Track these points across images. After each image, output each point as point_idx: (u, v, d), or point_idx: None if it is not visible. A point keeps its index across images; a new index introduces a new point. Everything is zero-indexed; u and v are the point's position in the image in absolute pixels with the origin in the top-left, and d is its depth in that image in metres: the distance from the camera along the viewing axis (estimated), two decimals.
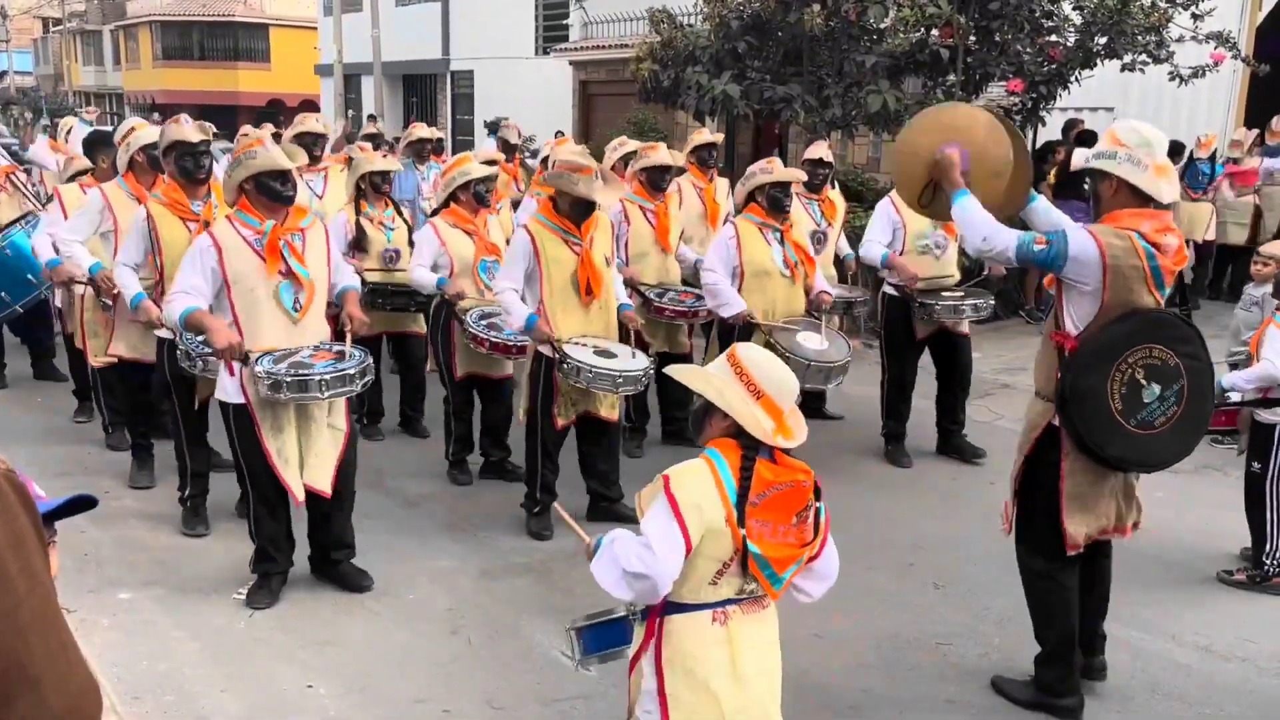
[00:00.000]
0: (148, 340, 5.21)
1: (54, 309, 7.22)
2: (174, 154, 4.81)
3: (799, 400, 2.51)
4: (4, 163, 7.72)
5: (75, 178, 6.46)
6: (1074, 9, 8.94)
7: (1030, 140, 11.04)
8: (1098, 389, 3.31)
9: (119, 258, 4.97)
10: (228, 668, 3.90)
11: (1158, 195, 3.32)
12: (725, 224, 6.05)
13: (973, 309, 6.05)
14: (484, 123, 14.93)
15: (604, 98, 17.97)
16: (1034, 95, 9.23)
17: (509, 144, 9.75)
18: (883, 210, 6.17)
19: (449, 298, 5.57)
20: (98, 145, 6.25)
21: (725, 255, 5.50)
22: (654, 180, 6.15)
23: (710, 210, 6.79)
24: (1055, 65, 8.98)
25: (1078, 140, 9.62)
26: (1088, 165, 3.42)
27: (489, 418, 5.94)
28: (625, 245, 6.12)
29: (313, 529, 4.54)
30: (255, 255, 4.14)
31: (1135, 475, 3.62)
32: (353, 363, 4.17)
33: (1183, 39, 8.85)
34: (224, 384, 4.24)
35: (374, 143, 9.45)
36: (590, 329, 4.96)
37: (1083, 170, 3.53)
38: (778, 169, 5.54)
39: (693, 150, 6.91)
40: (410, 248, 6.12)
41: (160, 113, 27.23)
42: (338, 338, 4.49)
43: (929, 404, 6.53)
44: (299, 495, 4.28)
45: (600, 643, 2.65)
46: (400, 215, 6.50)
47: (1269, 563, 4.65)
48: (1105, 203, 3.45)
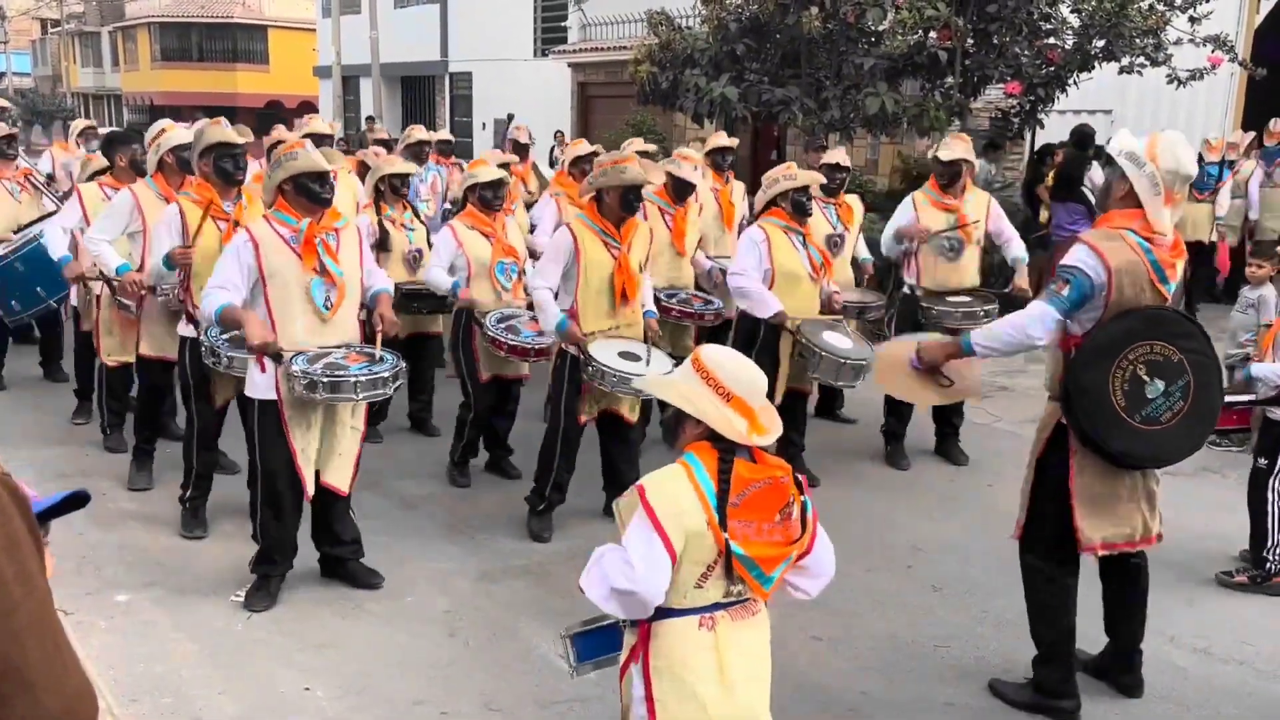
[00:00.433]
0: (172, 337, 5.22)
1: (69, 308, 7.22)
2: (213, 154, 4.82)
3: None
4: (23, 164, 7.73)
5: (94, 177, 6.47)
6: (1072, 12, 8.95)
7: (1029, 143, 11.07)
8: (1099, 385, 3.32)
9: (150, 255, 5.03)
10: (225, 669, 3.90)
11: (1155, 220, 3.36)
12: (748, 227, 6.06)
13: (984, 315, 6.06)
14: (482, 124, 14.94)
15: (602, 99, 18.00)
16: (1032, 98, 9.25)
17: (520, 145, 9.78)
18: (903, 209, 6.30)
19: (459, 305, 5.60)
20: (116, 144, 6.25)
21: (757, 258, 5.51)
22: (678, 190, 6.21)
23: (726, 212, 6.85)
24: (1053, 68, 9.00)
25: (1075, 142, 9.63)
26: (1117, 158, 3.43)
27: (494, 419, 5.95)
28: None
29: (320, 530, 4.54)
30: (291, 251, 4.17)
31: (1156, 481, 3.62)
32: (386, 366, 4.19)
33: (1180, 42, 8.87)
34: (254, 379, 4.24)
35: (386, 147, 9.43)
36: (622, 331, 4.99)
37: (1104, 152, 3.56)
38: (801, 174, 5.61)
39: (708, 153, 6.98)
40: (430, 248, 6.16)
41: (159, 114, 27.28)
42: (366, 340, 4.51)
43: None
44: (310, 492, 4.30)
45: (593, 649, 2.65)
46: (418, 216, 6.53)
47: (1271, 560, 4.65)
48: (1112, 199, 3.49)
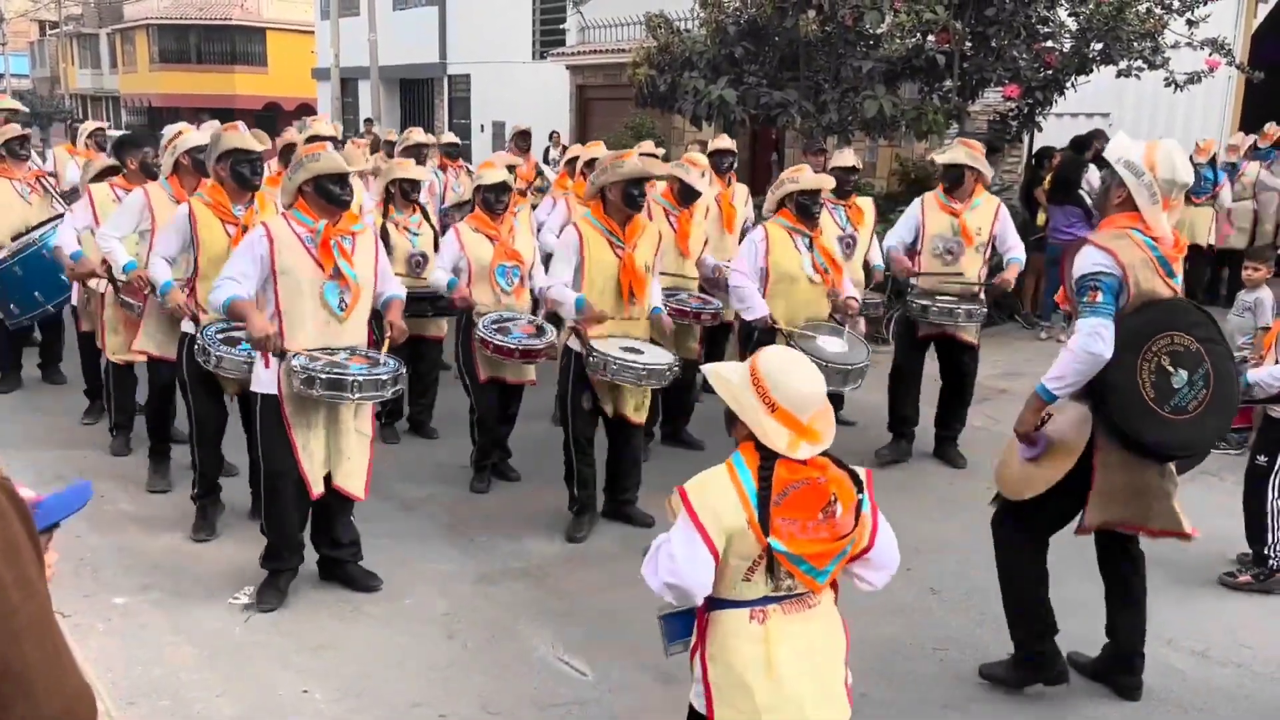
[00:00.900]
0: (173, 338, 5.23)
1: (69, 308, 7.23)
2: (230, 159, 4.83)
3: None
4: (34, 166, 7.73)
5: (101, 176, 6.48)
6: (1070, 15, 8.97)
7: (1027, 146, 11.09)
8: (1129, 380, 3.36)
9: (155, 249, 5.03)
10: (223, 672, 3.90)
11: (1154, 225, 3.42)
12: (752, 228, 6.08)
13: (966, 315, 6.08)
14: (481, 127, 14.93)
15: (601, 102, 18.02)
16: (1030, 101, 9.27)
17: (523, 135, 9.85)
18: (911, 210, 6.34)
19: (455, 302, 5.63)
20: (127, 147, 6.26)
21: (753, 257, 5.53)
22: (685, 195, 6.23)
23: (726, 215, 6.85)
24: (1051, 71, 9.02)
25: (1073, 146, 9.65)
26: (1115, 166, 3.47)
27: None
28: None
29: (320, 531, 4.55)
30: (306, 252, 4.19)
31: (1172, 483, 3.61)
32: (386, 369, 4.22)
33: (1178, 45, 8.89)
34: (258, 374, 4.27)
35: (415, 156, 9.15)
36: (626, 329, 5.02)
37: (1101, 159, 3.59)
38: (804, 177, 5.58)
39: (710, 155, 6.98)
40: (436, 252, 6.17)
41: (156, 116, 27.25)
42: (374, 345, 4.52)
43: (930, 408, 6.55)
44: (315, 490, 4.31)
45: (678, 630, 2.75)
46: (428, 221, 6.53)
47: (1273, 557, 4.65)
48: (1109, 205, 3.55)
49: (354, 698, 3.75)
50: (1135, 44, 8.69)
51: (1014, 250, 6.28)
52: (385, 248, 6.21)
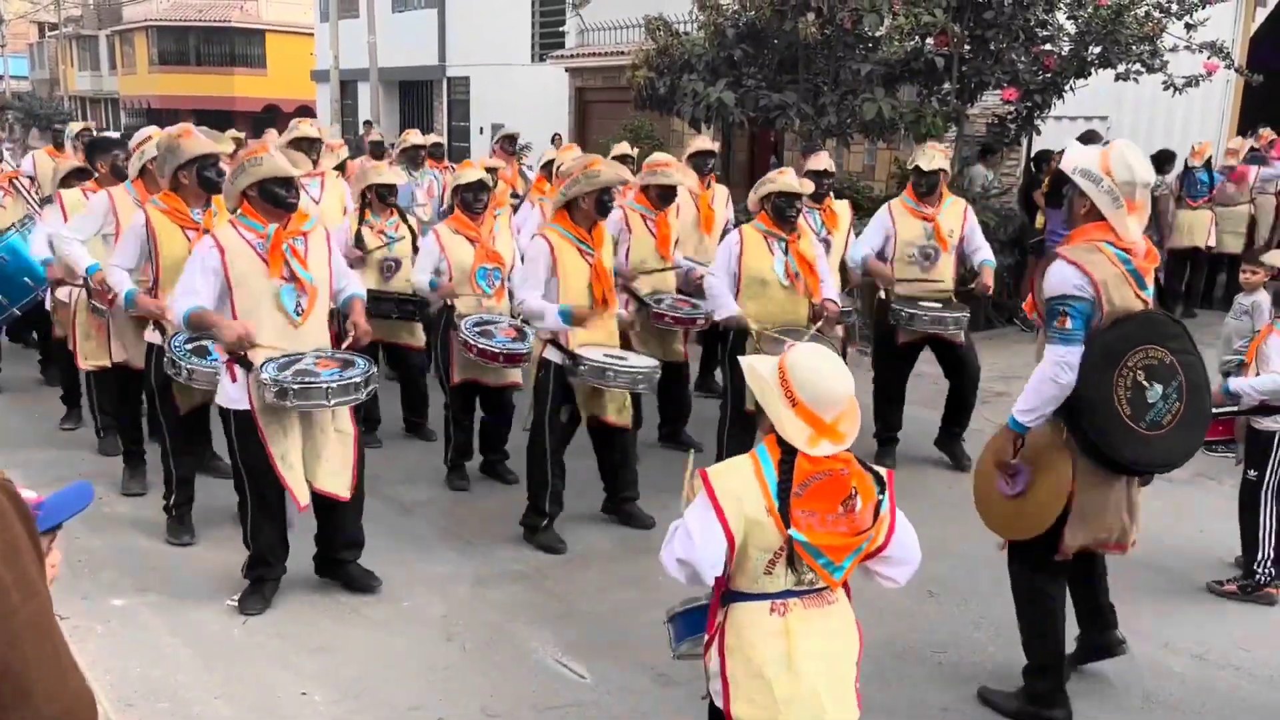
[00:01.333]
0: (140, 346, 5.20)
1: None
2: (196, 165, 4.77)
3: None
4: (8, 168, 7.71)
5: (69, 179, 6.46)
6: (1068, 18, 8.97)
7: (1025, 149, 11.09)
8: (1105, 397, 3.32)
9: (113, 260, 4.95)
10: (222, 674, 3.89)
11: (1123, 233, 3.37)
12: (728, 232, 6.05)
13: (954, 322, 6.05)
14: (480, 129, 14.90)
15: (600, 104, 18.01)
16: (1028, 104, 9.27)
17: (510, 141, 9.84)
18: (879, 217, 6.26)
19: (442, 296, 5.62)
20: (97, 150, 6.24)
21: (726, 260, 5.50)
22: (663, 195, 6.18)
23: (705, 217, 6.79)
24: (1050, 74, 9.01)
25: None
26: (1072, 176, 3.43)
27: (490, 424, 5.98)
28: (627, 253, 6.15)
29: (321, 531, 4.53)
30: (259, 258, 4.15)
31: (1138, 491, 3.62)
32: (358, 371, 4.19)
33: (1176, 49, 8.89)
34: (226, 389, 4.21)
35: (378, 151, 9.43)
36: (598, 338, 4.99)
37: (1059, 173, 3.55)
38: (783, 179, 5.48)
39: (689, 158, 6.91)
40: (414, 256, 6.14)
41: (156, 118, 27.20)
42: (337, 345, 4.50)
43: (927, 412, 6.55)
44: (302, 500, 4.27)
45: (688, 629, 2.77)
46: (407, 225, 6.50)
47: (1260, 572, 4.66)
48: (1075, 216, 3.50)
49: (352, 699, 3.75)
50: (1134, 47, 8.68)
51: (982, 251, 6.25)
52: (358, 247, 6.20)
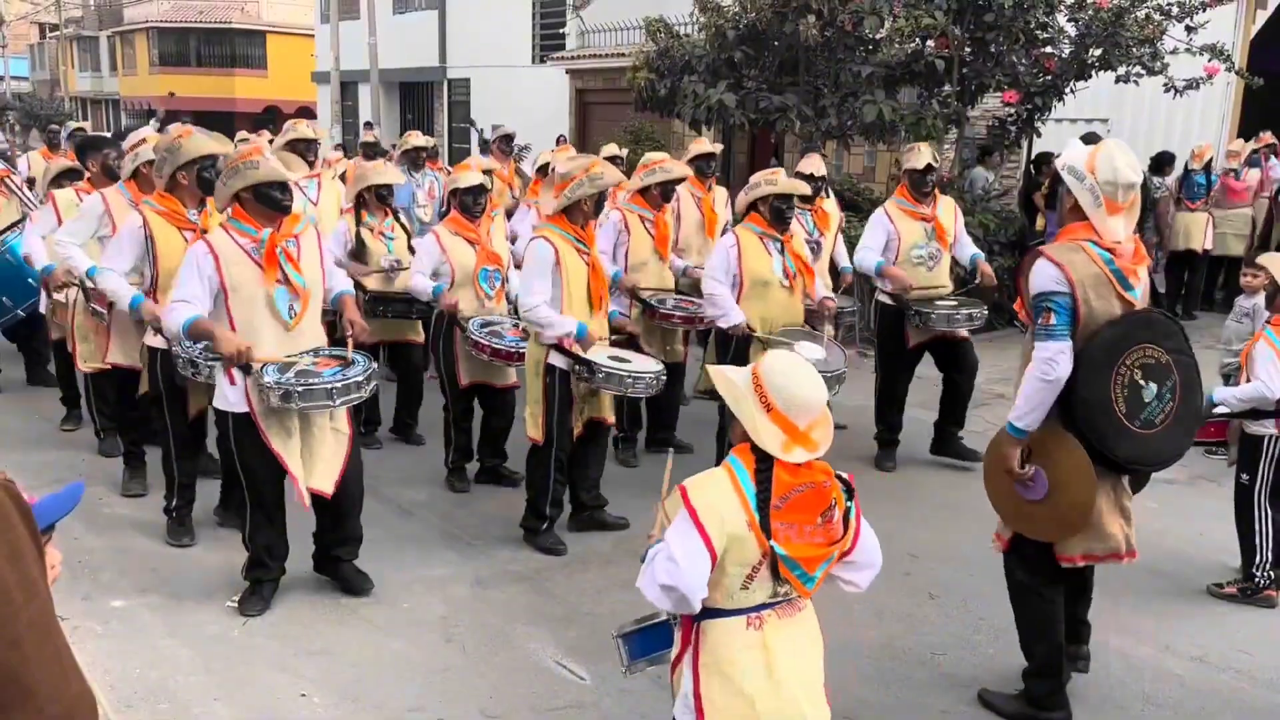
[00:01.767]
0: (140, 348, 5.20)
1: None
2: (196, 166, 4.75)
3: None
4: (2, 165, 7.70)
5: (60, 179, 6.44)
6: (1069, 21, 8.98)
7: (1025, 151, 11.10)
8: (1103, 395, 3.33)
9: (105, 262, 4.84)
10: (221, 676, 3.89)
11: (1104, 232, 3.37)
12: (724, 233, 6.04)
13: (967, 318, 6.06)
14: (482, 132, 14.80)
15: (600, 106, 18.01)
16: (1029, 106, 9.27)
17: (508, 142, 9.85)
18: (878, 220, 6.20)
19: (444, 309, 5.59)
20: (88, 149, 6.22)
21: (725, 264, 5.47)
22: (664, 193, 6.17)
23: (708, 219, 6.79)
24: (1050, 77, 9.02)
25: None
26: (1061, 171, 3.47)
27: (490, 426, 5.96)
28: (625, 254, 6.14)
29: (320, 529, 4.54)
30: (253, 263, 4.13)
31: (1128, 497, 3.61)
32: (359, 370, 4.20)
33: (1177, 51, 8.89)
34: (225, 392, 4.20)
35: (373, 153, 9.46)
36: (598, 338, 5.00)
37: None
38: (781, 181, 5.48)
39: (691, 160, 6.90)
40: (411, 255, 6.12)
41: (159, 118, 27.21)
42: (336, 344, 4.49)
43: (927, 414, 6.54)
44: (305, 500, 4.28)
45: (645, 647, 2.70)
46: (400, 224, 6.49)
47: (1259, 575, 4.65)
48: (1063, 212, 3.54)
49: (351, 701, 3.75)
50: (1134, 50, 8.69)
51: (970, 246, 6.33)
52: (359, 252, 6.19)
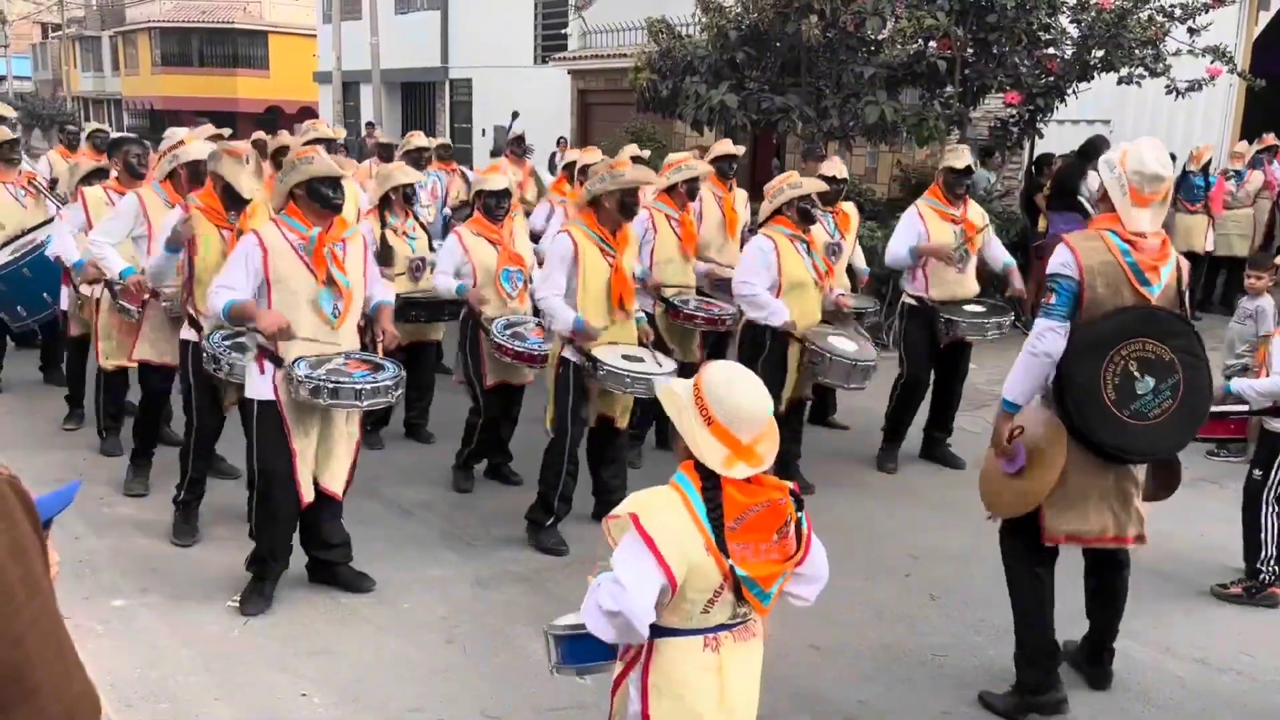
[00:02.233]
0: (173, 343, 5.22)
1: (59, 311, 7.23)
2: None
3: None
4: (26, 168, 7.73)
5: (89, 178, 6.45)
6: (1071, 22, 8.98)
7: (1028, 152, 11.10)
8: (1091, 379, 3.39)
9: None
10: (221, 676, 3.89)
11: (1127, 222, 3.45)
12: (752, 235, 6.06)
13: (996, 327, 6.08)
14: (482, 131, 14.85)
15: (602, 107, 18.02)
16: (1031, 107, 9.27)
17: (520, 145, 9.85)
18: (909, 219, 6.25)
19: (469, 303, 5.63)
20: (114, 149, 6.27)
21: (766, 267, 5.51)
22: (690, 190, 6.23)
23: (729, 219, 6.86)
24: (1052, 78, 9.02)
25: (1079, 152, 9.65)
26: (1100, 164, 3.58)
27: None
28: (651, 252, 6.18)
29: (309, 534, 4.54)
30: (299, 260, 4.18)
31: (1135, 484, 3.64)
32: (388, 374, 4.23)
33: (1179, 53, 8.89)
34: (253, 379, 4.25)
35: (386, 153, 9.46)
36: (616, 338, 5.01)
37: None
38: (806, 182, 5.60)
39: (713, 160, 6.99)
40: (432, 254, 6.16)
41: (158, 119, 27.21)
42: (364, 347, 4.52)
43: (918, 415, 6.54)
44: (307, 496, 4.30)
45: (580, 655, 2.52)
46: (420, 225, 6.51)
47: (1265, 570, 4.64)
48: (1097, 202, 3.67)
49: (351, 702, 3.75)
50: (1137, 51, 8.70)
51: (1003, 252, 6.37)
52: (384, 254, 6.21)
